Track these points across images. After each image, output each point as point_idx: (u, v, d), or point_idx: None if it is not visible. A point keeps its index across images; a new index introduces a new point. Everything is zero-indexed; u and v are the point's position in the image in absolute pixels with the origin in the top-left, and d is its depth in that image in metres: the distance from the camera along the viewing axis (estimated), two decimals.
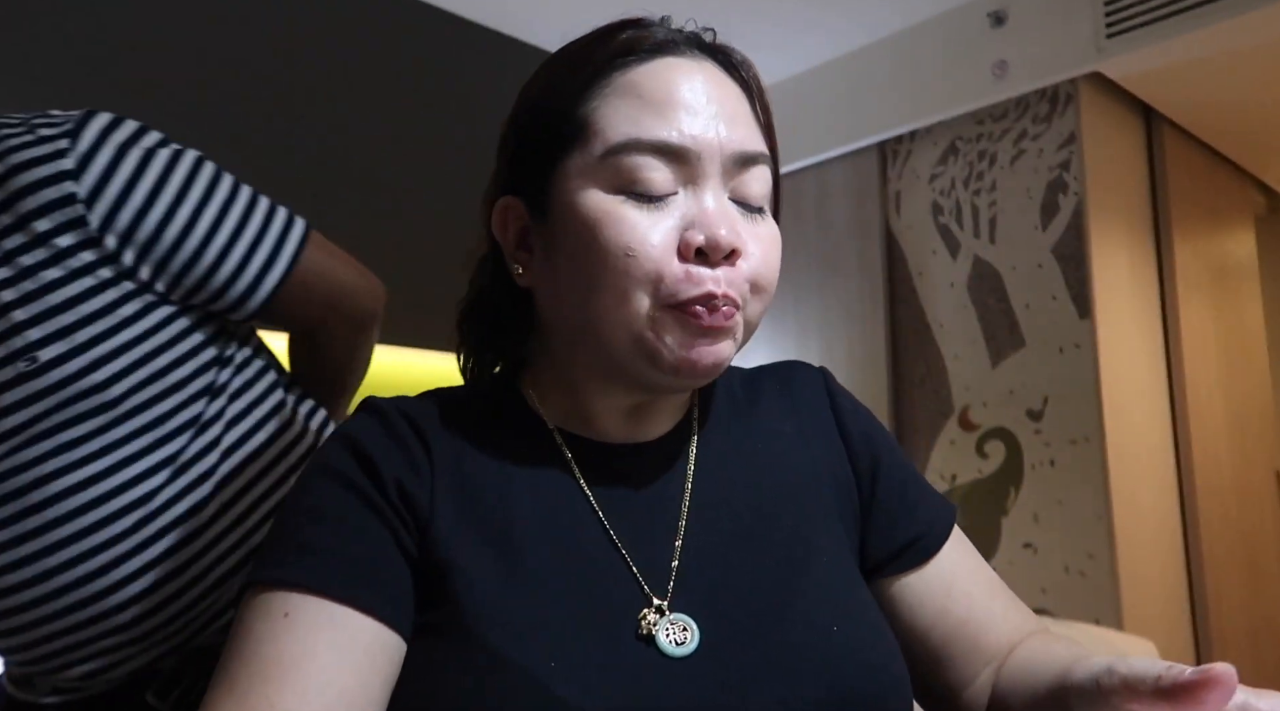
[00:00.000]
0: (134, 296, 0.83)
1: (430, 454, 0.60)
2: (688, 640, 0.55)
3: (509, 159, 0.64)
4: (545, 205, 0.61)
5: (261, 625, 0.53)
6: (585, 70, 0.61)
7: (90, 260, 0.81)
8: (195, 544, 0.85)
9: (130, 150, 0.84)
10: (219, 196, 0.88)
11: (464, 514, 0.59)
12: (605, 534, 0.60)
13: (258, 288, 0.88)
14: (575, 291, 0.59)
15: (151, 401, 0.83)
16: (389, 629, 0.55)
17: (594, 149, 0.59)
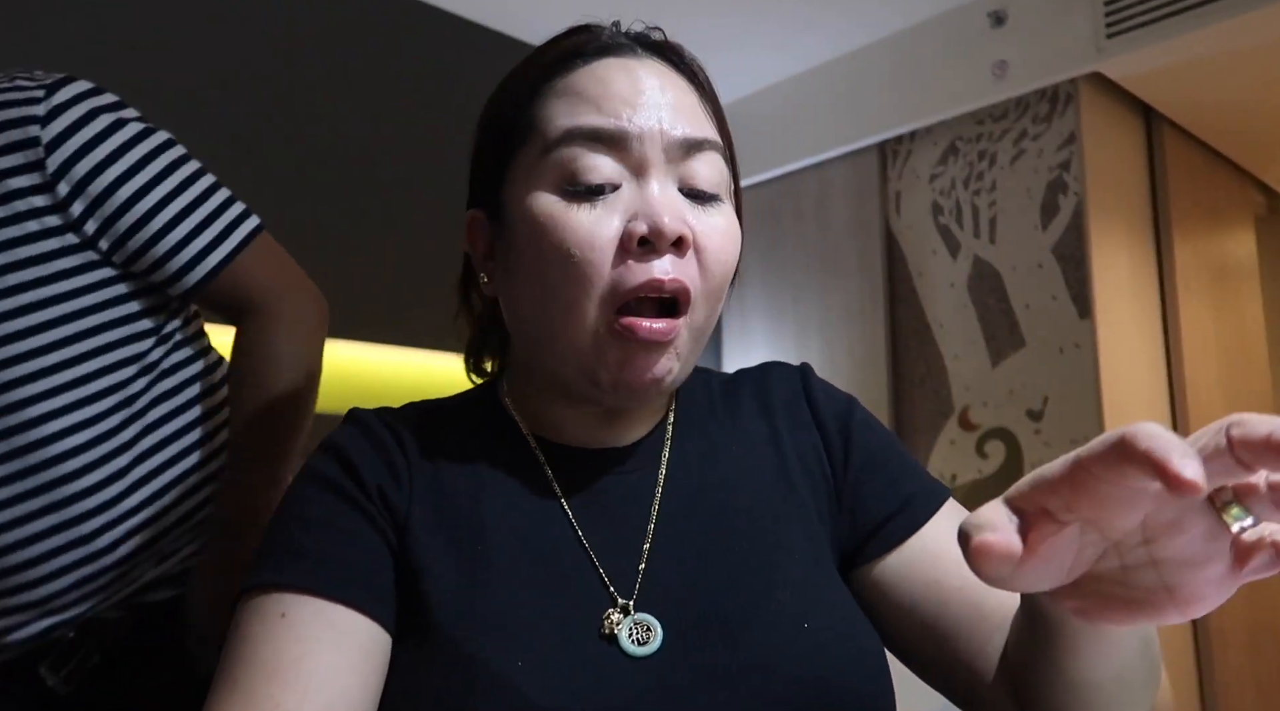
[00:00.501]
0: (75, 251, 0.83)
1: (409, 461, 0.62)
2: (650, 640, 0.56)
3: (470, 171, 0.66)
4: (500, 213, 0.61)
5: (259, 627, 0.54)
6: (532, 75, 0.60)
7: (39, 205, 0.81)
8: (105, 515, 0.84)
9: (102, 114, 0.85)
10: (180, 174, 0.89)
11: (438, 518, 0.60)
12: (575, 537, 0.60)
13: (196, 266, 0.89)
14: (530, 301, 0.59)
15: (74, 360, 0.83)
16: (380, 627, 0.56)
17: (535, 147, 0.58)
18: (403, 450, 0.62)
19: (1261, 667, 3.02)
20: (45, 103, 0.82)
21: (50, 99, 0.82)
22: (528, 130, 0.58)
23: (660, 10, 2.98)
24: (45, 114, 0.82)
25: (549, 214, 0.56)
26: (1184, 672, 2.72)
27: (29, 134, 0.81)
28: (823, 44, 3.23)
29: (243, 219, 0.93)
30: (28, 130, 0.81)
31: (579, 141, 0.56)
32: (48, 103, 0.82)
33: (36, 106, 0.81)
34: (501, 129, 0.60)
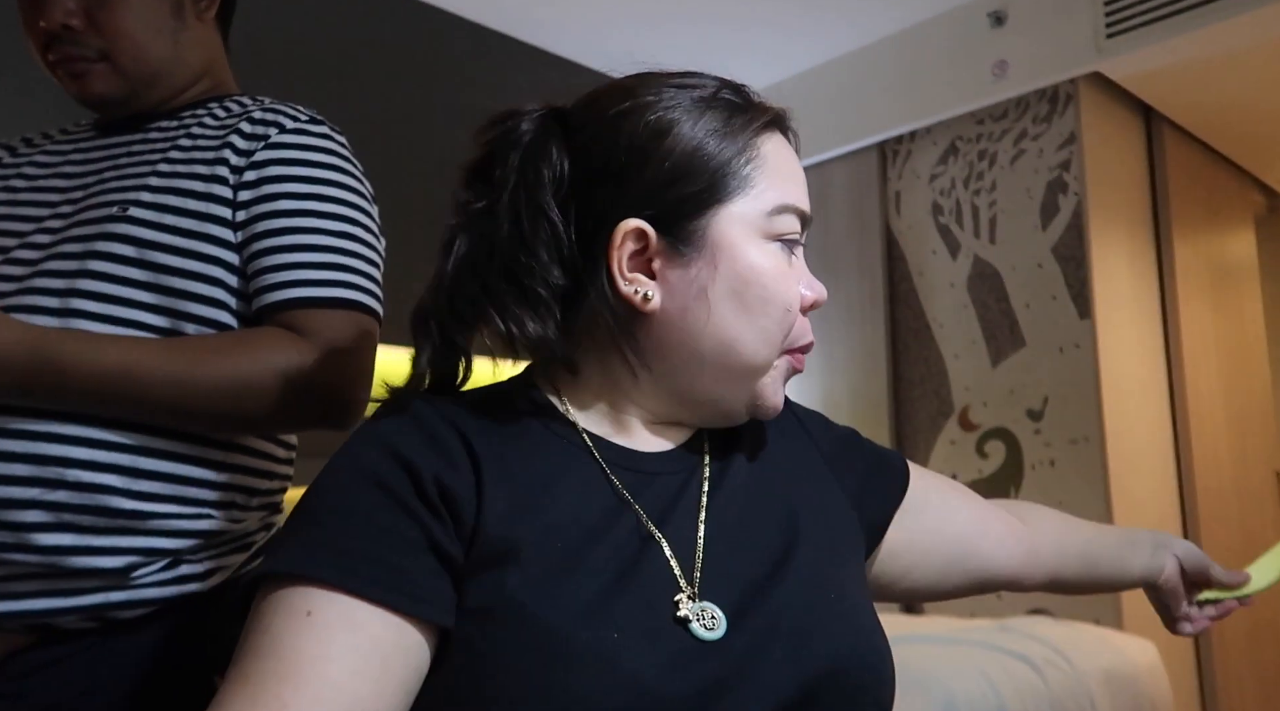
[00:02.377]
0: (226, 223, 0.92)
1: (471, 449, 0.61)
2: (716, 627, 0.59)
3: (640, 187, 0.65)
4: (691, 240, 0.65)
5: (282, 622, 0.53)
6: (744, 135, 0.67)
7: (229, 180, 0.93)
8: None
9: (329, 141, 0.98)
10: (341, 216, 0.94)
11: (513, 505, 0.60)
12: (641, 525, 0.63)
13: (278, 290, 0.90)
14: (721, 326, 0.65)
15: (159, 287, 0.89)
16: (414, 629, 0.55)
17: (758, 203, 0.66)
18: (462, 439, 0.62)
19: (1261, 667, 3.02)
20: (296, 121, 0.96)
21: (305, 122, 0.97)
22: (745, 186, 0.66)
23: (661, 10, 2.99)
24: (293, 128, 0.95)
25: (772, 264, 0.66)
26: (1184, 672, 2.72)
27: (266, 130, 0.94)
28: (823, 44, 3.23)
29: (358, 289, 0.93)
30: (268, 130, 0.94)
31: (790, 212, 0.67)
32: (298, 121, 0.96)
33: (287, 120, 0.96)
34: (710, 172, 0.65)
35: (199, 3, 1.02)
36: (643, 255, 0.65)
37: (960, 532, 0.84)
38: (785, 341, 0.67)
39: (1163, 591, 0.93)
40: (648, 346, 0.66)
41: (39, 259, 0.90)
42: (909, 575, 0.82)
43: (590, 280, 0.65)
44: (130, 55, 0.96)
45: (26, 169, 1.00)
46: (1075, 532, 0.92)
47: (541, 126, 0.69)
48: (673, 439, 0.70)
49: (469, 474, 0.60)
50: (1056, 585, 0.90)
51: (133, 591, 0.84)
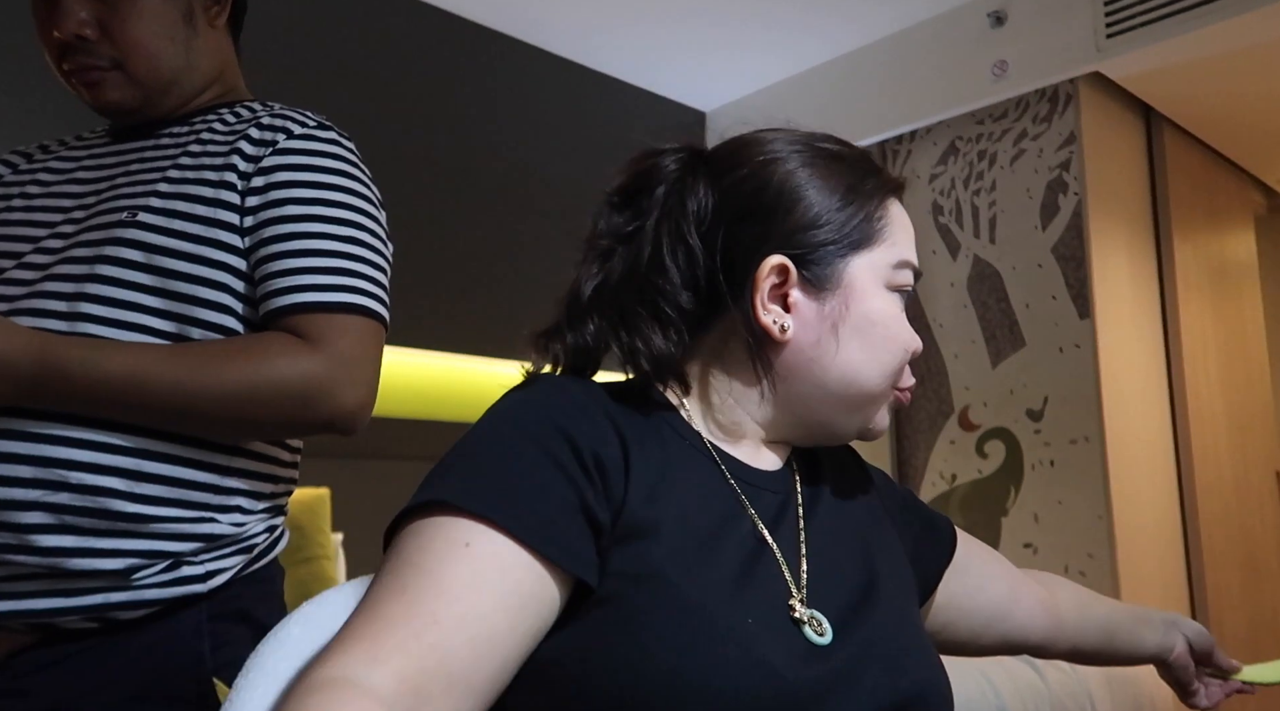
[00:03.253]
0: (234, 229, 0.92)
1: (620, 432, 0.66)
2: (824, 633, 0.65)
3: (787, 228, 0.72)
4: (828, 280, 0.72)
5: (442, 546, 0.57)
6: (878, 195, 0.75)
7: (238, 186, 0.93)
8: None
9: (336, 147, 0.98)
10: (346, 221, 0.94)
11: (652, 488, 0.65)
12: (756, 531, 0.69)
13: (288, 294, 0.90)
14: (848, 361, 0.72)
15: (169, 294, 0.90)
16: (555, 580, 0.59)
17: (886, 256, 0.74)
18: (611, 422, 0.66)
19: None
20: (304, 127, 0.96)
21: (313, 128, 0.97)
22: (879, 238, 0.74)
23: (662, 11, 2.99)
24: (300, 134, 0.96)
25: (896, 312, 0.74)
26: None
27: (274, 136, 0.95)
28: (823, 44, 3.23)
29: (364, 294, 0.93)
30: (276, 136, 0.95)
31: (908, 268, 0.75)
32: (306, 127, 0.96)
33: (295, 125, 0.96)
34: (850, 221, 0.73)
35: (210, 10, 1.03)
36: (780, 288, 0.72)
37: (996, 598, 0.90)
38: (896, 377, 0.75)
39: (1174, 668, 1.00)
40: (778, 371, 0.73)
41: (50, 263, 0.91)
42: (945, 631, 0.89)
43: (730, 307, 0.72)
44: (143, 64, 0.97)
45: (42, 175, 1.01)
46: (1096, 607, 0.99)
47: (685, 165, 0.76)
48: (775, 457, 0.77)
49: (619, 451, 0.65)
50: (1076, 655, 0.97)
51: (133, 592, 0.85)
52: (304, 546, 2.09)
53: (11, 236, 0.95)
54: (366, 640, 0.53)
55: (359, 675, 0.51)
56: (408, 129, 2.82)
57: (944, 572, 0.86)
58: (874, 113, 3.16)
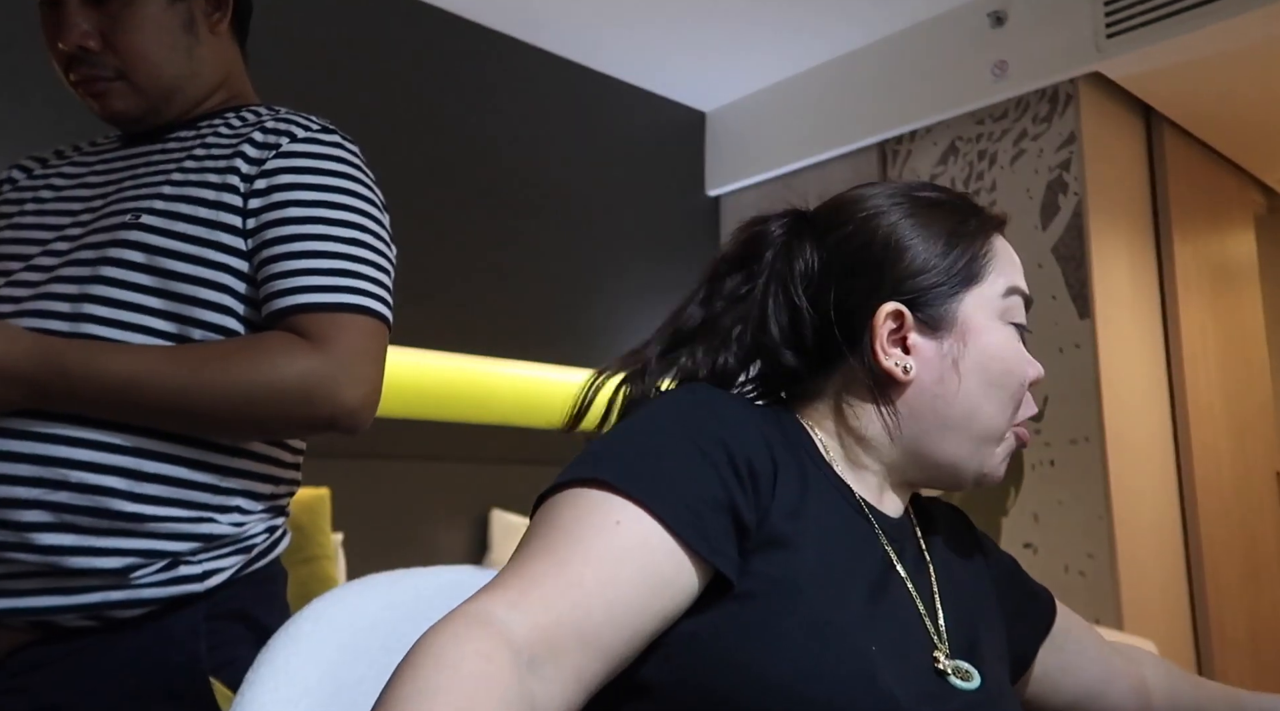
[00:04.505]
0: (236, 231, 0.93)
1: (770, 446, 0.69)
2: (971, 680, 0.67)
3: (896, 276, 0.75)
4: (943, 321, 0.75)
5: (596, 518, 0.60)
6: (980, 234, 0.78)
7: (240, 188, 0.94)
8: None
9: (340, 150, 0.98)
10: (348, 223, 0.94)
11: (797, 505, 0.67)
12: (892, 566, 0.71)
13: (289, 295, 0.90)
14: (968, 398, 0.75)
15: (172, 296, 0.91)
16: (694, 570, 0.61)
17: (994, 289, 0.77)
18: (763, 436, 0.69)
19: (1261, 667, 3.02)
20: (307, 130, 0.97)
21: (316, 131, 0.97)
22: (984, 275, 0.77)
23: (662, 11, 2.99)
24: (304, 137, 0.96)
25: (1013, 347, 0.76)
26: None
27: (278, 139, 0.95)
28: (823, 44, 3.23)
29: (367, 295, 0.93)
30: (279, 139, 0.96)
31: (1018, 295, 0.78)
32: (309, 131, 0.97)
33: (299, 129, 0.97)
34: (958, 263, 0.76)
35: (211, 16, 1.03)
36: (898, 332, 0.75)
37: (1089, 679, 0.90)
38: (1015, 411, 0.77)
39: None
40: (902, 411, 0.75)
41: (56, 266, 0.92)
42: (1031, 705, 0.90)
43: (849, 353, 0.75)
44: (146, 73, 0.98)
45: (55, 180, 1.02)
46: (1184, 687, 0.96)
47: (790, 228, 0.80)
48: (898, 503, 0.79)
49: (769, 464, 0.67)
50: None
51: (131, 591, 0.85)
52: (304, 546, 2.09)
53: (22, 240, 0.96)
54: (514, 590, 0.56)
55: (499, 615, 0.54)
56: (407, 129, 2.81)
57: (1041, 645, 0.86)
58: (874, 113, 3.16)
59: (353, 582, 0.72)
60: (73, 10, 0.95)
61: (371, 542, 2.49)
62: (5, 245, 0.97)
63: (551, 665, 0.55)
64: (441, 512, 2.75)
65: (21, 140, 2.13)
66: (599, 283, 3.26)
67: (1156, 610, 2.64)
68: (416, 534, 2.63)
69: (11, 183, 1.05)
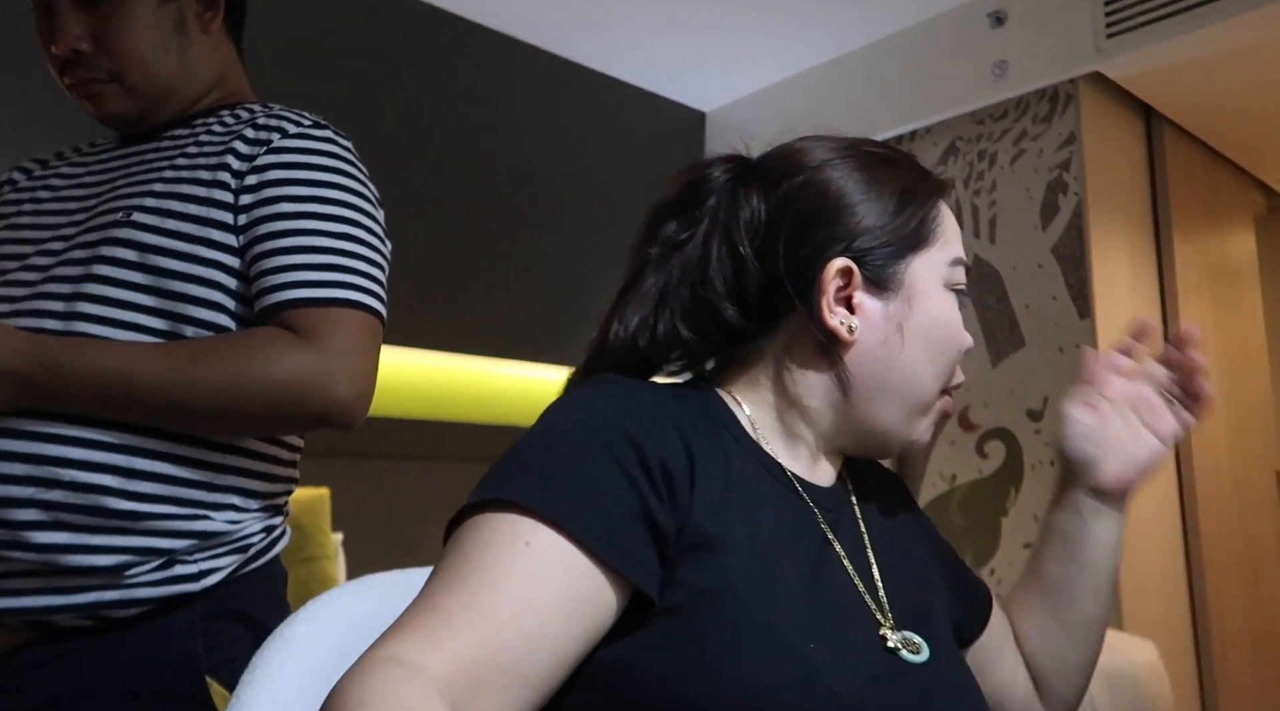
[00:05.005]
0: (227, 227, 0.92)
1: (685, 439, 0.65)
2: (920, 652, 0.65)
3: (849, 231, 0.72)
4: (891, 282, 0.73)
5: (503, 543, 0.57)
6: (930, 195, 0.76)
7: (231, 184, 0.93)
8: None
9: (333, 145, 0.97)
10: (340, 218, 0.94)
11: (719, 499, 0.64)
12: (837, 555, 0.69)
13: (282, 290, 0.90)
14: (907, 363, 0.73)
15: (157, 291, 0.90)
16: (613, 586, 0.59)
17: (942, 255, 0.75)
18: (677, 429, 0.65)
19: (1261, 668, 3.02)
20: (299, 126, 0.96)
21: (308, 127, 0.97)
22: (932, 236, 0.75)
23: (662, 11, 2.98)
24: (295, 133, 0.96)
25: (953, 312, 0.75)
26: (1184, 672, 2.72)
27: (269, 136, 0.95)
28: (823, 44, 3.23)
29: (359, 290, 0.93)
30: (271, 135, 0.95)
31: (961, 266, 0.76)
32: (301, 126, 0.96)
33: (290, 125, 0.96)
34: (911, 222, 0.74)
35: (202, 16, 1.03)
36: (844, 291, 0.72)
37: (997, 680, 0.84)
38: (949, 379, 0.75)
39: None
40: (843, 373, 0.73)
41: (51, 264, 0.92)
42: None
43: (794, 310, 0.72)
44: (139, 75, 0.98)
45: (53, 181, 1.03)
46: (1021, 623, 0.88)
47: (735, 175, 0.77)
48: (827, 466, 0.76)
49: (685, 460, 0.64)
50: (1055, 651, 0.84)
51: (126, 590, 0.85)
52: (304, 546, 2.09)
53: (19, 240, 0.97)
54: (425, 628, 0.54)
55: (415, 657, 0.52)
56: (409, 129, 2.81)
57: (977, 638, 0.82)
58: (874, 113, 3.16)
59: (348, 583, 0.71)
60: (65, 14, 0.95)
61: (371, 542, 2.49)
62: (3, 245, 0.97)
63: (477, 702, 0.52)
64: (441, 513, 2.74)
65: (21, 142, 2.13)
66: (599, 282, 3.26)
67: (1156, 610, 2.63)
68: (416, 534, 2.63)
69: (12, 184, 1.06)
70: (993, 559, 2.76)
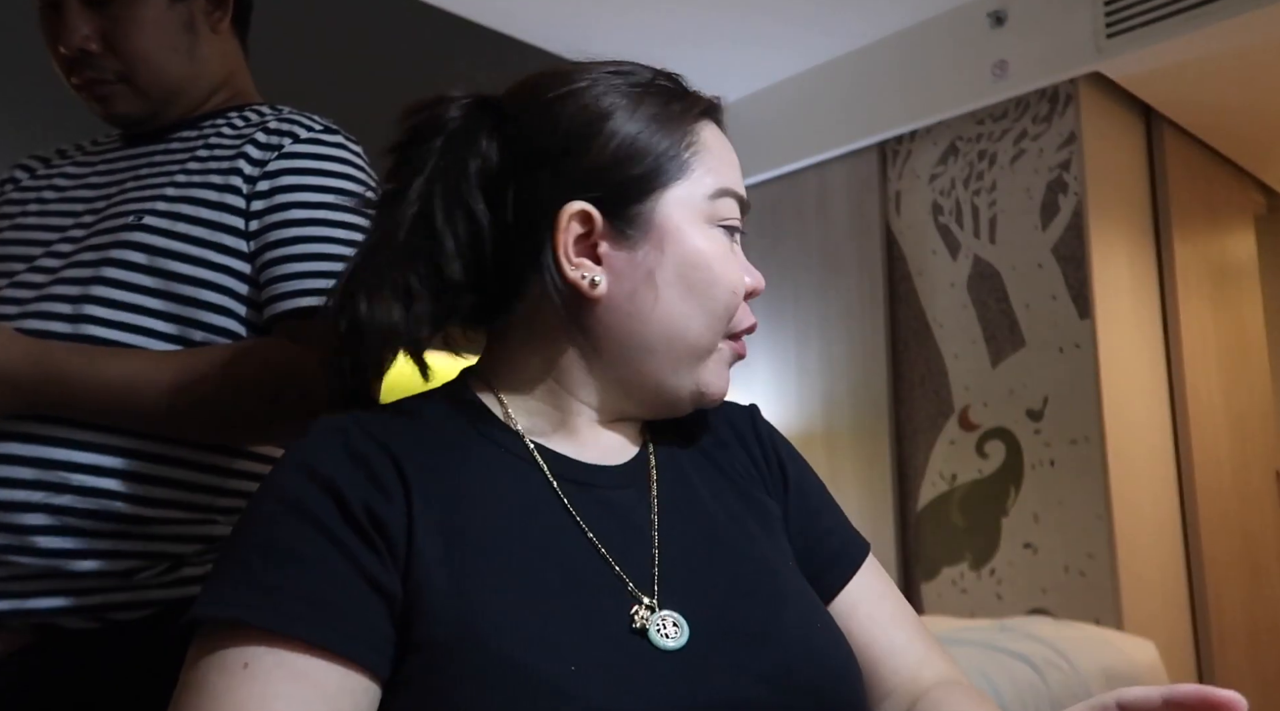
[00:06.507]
0: (238, 232, 0.92)
1: (402, 473, 0.58)
2: (678, 635, 0.57)
3: (582, 170, 0.64)
4: (636, 224, 0.64)
5: (217, 677, 0.51)
6: (682, 119, 0.67)
7: (238, 184, 0.93)
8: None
9: (342, 150, 0.97)
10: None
11: (449, 532, 0.57)
12: (586, 539, 0.61)
13: (287, 299, 0.90)
14: (669, 312, 0.65)
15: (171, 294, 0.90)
16: (356, 671, 0.53)
17: (701, 188, 0.66)
18: (393, 462, 0.58)
19: (1261, 667, 3.02)
20: (310, 131, 0.96)
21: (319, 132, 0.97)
22: (684, 170, 0.66)
23: (662, 11, 2.99)
24: (306, 138, 0.95)
25: (717, 248, 0.66)
26: (1184, 673, 2.72)
27: (281, 140, 0.95)
28: (822, 44, 3.23)
29: None
30: (282, 140, 0.95)
31: (729, 197, 0.67)
32: (312, 131, 0.96)
33: (302, 129, 0.96)
34: (652, 156, 0.65)
35: (211, 15, 1.03)
36: (587, 240, 0.64)
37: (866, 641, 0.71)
38: (729, 325, 0.67)
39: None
40: (595, 333, 0.65)
41: (59, 267, 0.92)
42: None
43: (533, 267, 0.64)
44: (147, 75, 0.98)
45: (58, 180, 1.02)
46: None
47: (469, 114, 0.68)
48: (619, 439, 0.69)
49: (400, 499, 0.57)
50: None
51: (134, 593, 0.85)
52: None
53: (25, 241, 0.96)
54: None
55: None
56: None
57: (841, 588, 0.71)
58: (874, 113, 3.16)
59: None
60: (73, 13, 0.95)
61: None
62: (8, 246, 0.97)
63: None
64: None
65: (22, 141, 2.13)
66: None
67: (1156, 610, 2.64)
68: None
69: (14, 182, 1.05)
70: (993, 559, 2.76)
